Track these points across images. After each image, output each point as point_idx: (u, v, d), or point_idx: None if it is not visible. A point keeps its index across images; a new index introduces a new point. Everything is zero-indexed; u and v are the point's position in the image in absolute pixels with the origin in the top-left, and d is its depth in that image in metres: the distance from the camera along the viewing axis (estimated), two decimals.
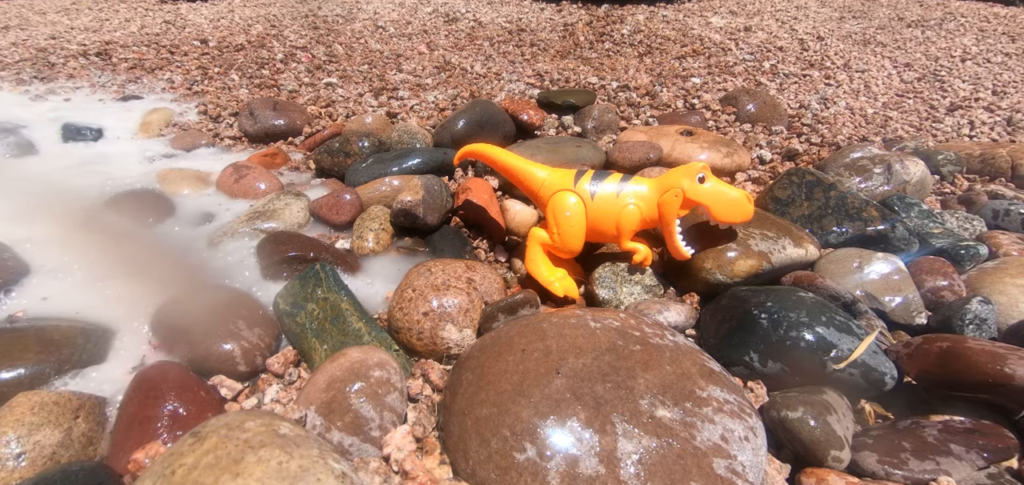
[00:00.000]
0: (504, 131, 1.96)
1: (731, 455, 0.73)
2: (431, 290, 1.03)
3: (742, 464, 0.73)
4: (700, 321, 1.08)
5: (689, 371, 0.84)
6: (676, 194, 1.15)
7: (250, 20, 3.69)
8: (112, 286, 1.09)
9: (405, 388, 0.88)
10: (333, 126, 1.99)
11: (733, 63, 2.79)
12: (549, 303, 1.15)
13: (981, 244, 1.21)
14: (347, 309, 1.01)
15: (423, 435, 0.81)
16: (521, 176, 1.28)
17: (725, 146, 1.72)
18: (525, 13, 3.87)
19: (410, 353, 1.01)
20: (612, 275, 1.18)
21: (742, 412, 0.79)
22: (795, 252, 1.15)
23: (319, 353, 0.96)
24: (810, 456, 0.78)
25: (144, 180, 1.56)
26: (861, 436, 0.83)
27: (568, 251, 1.18)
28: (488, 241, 1.40)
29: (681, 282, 1.21)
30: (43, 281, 1.10)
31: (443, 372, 0.94)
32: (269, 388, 0.90)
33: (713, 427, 0.76)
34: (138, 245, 1.28)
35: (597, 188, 1.18)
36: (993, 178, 1.64)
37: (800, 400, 0.81)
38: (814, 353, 0.89)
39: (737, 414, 0.78)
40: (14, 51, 2.98)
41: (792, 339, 0.91)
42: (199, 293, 1.07)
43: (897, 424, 0.85)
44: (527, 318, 0.98)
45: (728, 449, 0.73)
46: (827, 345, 0.90)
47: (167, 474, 0.63)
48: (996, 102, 2.21)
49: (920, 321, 1.05)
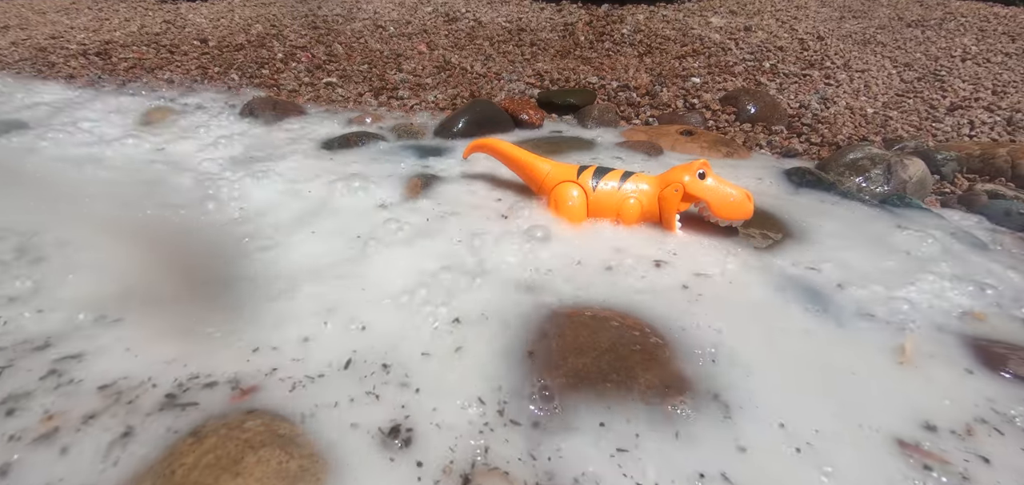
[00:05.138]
0: (503, 131, 1.96)
1: None
2: None
3: None
4: None
5: None
6: (676, 189, 1.18)
7: (250, 20, 3.69)
8: None
9: None
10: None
11: (733, 63, 2.79)
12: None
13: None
14: None
15: None
16: (527, 168, 1.38)
17: (725, 146, 1.72)
18: (525, 13, 3.87)
19: None
20: None
21: None
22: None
23: None
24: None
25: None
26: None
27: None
28: None
29: None
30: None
31: None
32: None
33: None
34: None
35: (598, 183, 1.25)
36: (993, 178, 1.64)
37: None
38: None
39: None
40: (14, 51, 2.98)
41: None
42: None
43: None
44: None
45: None
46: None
47: (167, 474, 0.63)
48: (996, 102, 2.21)
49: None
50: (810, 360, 0.92)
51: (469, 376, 0.88)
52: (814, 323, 1.01)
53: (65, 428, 0.76)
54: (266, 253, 1.21)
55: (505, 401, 0.83)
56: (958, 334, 0.99)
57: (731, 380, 0.87)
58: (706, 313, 1.02)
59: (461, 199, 1.44)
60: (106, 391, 0.83)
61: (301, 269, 1.15)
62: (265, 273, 1.14)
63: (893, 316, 1.03)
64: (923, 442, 0.77)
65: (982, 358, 0.92)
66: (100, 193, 1.53)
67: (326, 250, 1.23)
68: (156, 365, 0.88)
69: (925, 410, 0.83)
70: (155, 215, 1.39)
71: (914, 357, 0.92)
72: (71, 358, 0.90)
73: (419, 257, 1.19)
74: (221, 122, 2.06)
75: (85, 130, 1.92)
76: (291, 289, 1.08)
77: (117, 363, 0.89)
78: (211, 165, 1.66)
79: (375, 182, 1.54)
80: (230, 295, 1.08)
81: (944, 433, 0.79)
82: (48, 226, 1.25)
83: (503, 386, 0.86)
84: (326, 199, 1.45)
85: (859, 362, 0.92)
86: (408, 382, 0.86)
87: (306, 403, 0.81)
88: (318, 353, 0.92)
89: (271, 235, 1.28)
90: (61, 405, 0.80)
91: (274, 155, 1.75)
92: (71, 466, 0.71)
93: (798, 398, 0.85)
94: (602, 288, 1.09)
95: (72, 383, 0.85)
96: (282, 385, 0.85)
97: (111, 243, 1.21)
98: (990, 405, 0.84)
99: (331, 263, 1.17)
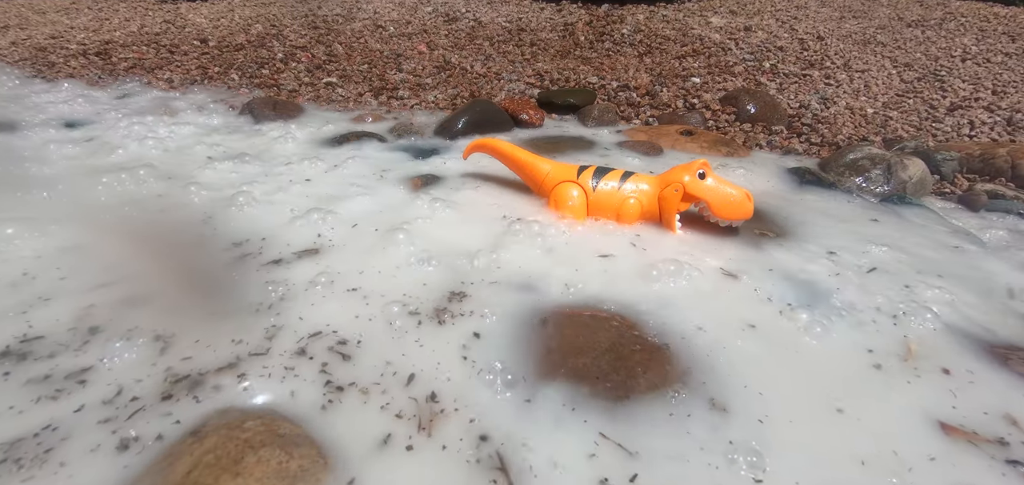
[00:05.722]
0: (503, 131, 1.96)
1: None
2: None
3: None
4: None
5: None
6: (676, 189, 1.18)
7: (250, 20, 3.69)
8: None
9: None
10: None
11: (733, 63, 2.79)
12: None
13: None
14: None
15: None
16: (527, 168, 1.39)
17: (725, 146, 1.72)
18: (525, 13, 3.87)
19: None
20: None
21: None
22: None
23: None
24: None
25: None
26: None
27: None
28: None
29: None
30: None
31: None
32: None
33: None
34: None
35: (598, 183, 1.26)
36: (993, 178, 1.64)
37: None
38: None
39: None
40: (14, 51, 2.98)
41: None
42: None
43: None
44: None
45: None
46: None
47: (167, 474, 0.63)
48: (996, 102, 2.21)
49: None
50: (812, 360, 0.92)
51: (468, 376, 0.88)
52: (815, 323, 1.01)
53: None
54: (266, 254, 1.21)
55: (492, 402, 0.83)
56: (961, 333, 0.99)
57: (732, 379, 0.87)
58: (706, 313, 1.02)
59: (461, 199, 1.44)
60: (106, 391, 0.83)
61: (302, 269, 1.15)
62: (264, 272, 1.14)
63: (896, 315, 1.03)
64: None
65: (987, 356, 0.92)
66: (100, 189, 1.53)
67: (327, 250, 1.22)
68: (156, 364, 0.88)
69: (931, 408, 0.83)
70: (152, 215, 1.39)
71: (918, 356, 0.92)
72: (70, 359, 0.90)
73: (419, 257, 1.19)
74: (221, 122, 2.06)
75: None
76: (290, 289, 1.08)
77: (117, 363, 0.89)
78: (211, 164, 1.66)
79: (375, 182, 1.54)
80: (227, 293, 1.08)
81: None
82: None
83: (501, 385, 0.86)
84: (326, 199, 1.45)
85: (862, 362, 0.92)
86: (409, 382, 0.87)
87: (306, 403, 0.81)
88: (318, 353, 0.92)
89: (271, 235, 1.28)
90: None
91: (273, 155, 1.75)
92: (72, 465, 0.71)
93: (799, 398, 0.85)
94: (601, 286, 1.09)
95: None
96: (283, 385, 0.85)
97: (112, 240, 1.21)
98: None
99: (331, 262, 1.17)
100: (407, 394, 0.84)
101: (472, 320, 1.00)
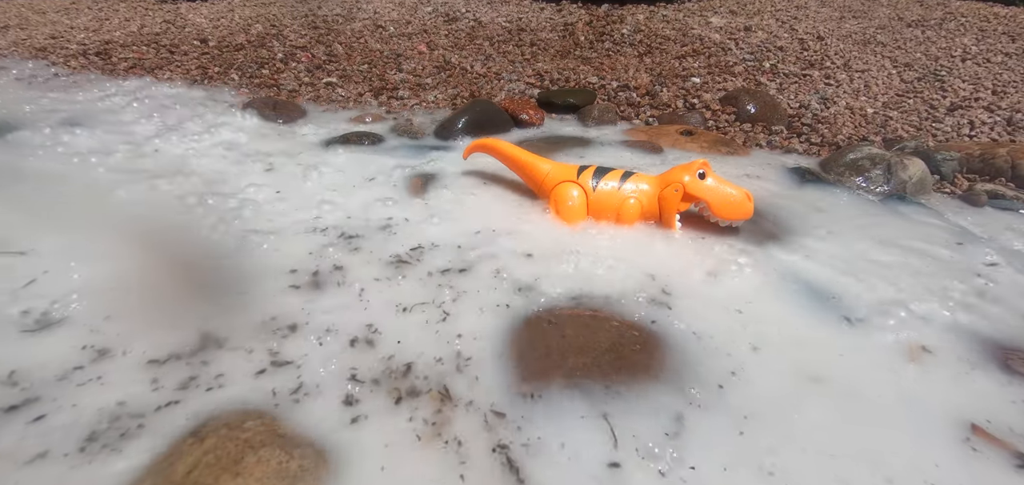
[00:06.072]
0: (503, 131, 1.96)
1: None
2: None
3: None
4: None
5: None
6: (676, 189, 1.19)
7: (250, 19, 3.69)
8: None
9: None
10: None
11: (733, 63, 2.79)
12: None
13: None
14: None
15: None
16: (527, 168, 1.39)
17: (725, 146, 1.72)
18: (525, 13, 3.87)
19: None
20: None
21: None
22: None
23: None
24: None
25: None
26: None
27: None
28: None
29: None
30: None
31: None
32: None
33: None
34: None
35: (598, 183, 1.26)
36: (993, 178, 1.63)
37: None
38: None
39: None
40: (14, 51, 2.98)
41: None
42: None
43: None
44: None
45: None
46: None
47: (167, 474, 0.63)
48: (996, 102, 2.21)
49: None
50: (813, 359, 0.92)
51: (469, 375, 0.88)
52: (817, 321, 1.01)
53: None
54: (265, 253, 1.21)
55: (493, 400, 0.83)
56: (962, 333, 0.99)
57: (732, 379, 0.87)
58: (706, 313, 1.02)
59: (461, 199, 1.44)
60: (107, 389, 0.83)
61: (302, 268, 1.15)
62: (263, 273, 1.14)
63: (897, 315, 1.03)
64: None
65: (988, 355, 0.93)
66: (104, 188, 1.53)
67: (326, 250, 1.22)
68: (157, 362, 0.88)
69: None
70: (153, 216, 1.39)
71: (922, 355, 0.92)
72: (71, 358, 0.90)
73: (419, 257, 1.19)
74: (221, 122, 2.06)
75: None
76: (290, 289, 1.08)
77: (117, 361, 0.89)
78: (210, 164, 1.66)
79: (375, 182, 1.54)
80: (228, 292, 1.08)
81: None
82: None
83: (498, 386, 0.86)
84: (326, 199, 1.45)
85: (862, 361, 0.92)
86: (406, 373, 0.87)
87: (306, 403, 0.81)
88: (318, 353, 0.92)
89: (270, 235, 1.28)
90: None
91: (273, 155, 1.75)
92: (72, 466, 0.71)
93: (799, 397, 0.85)
94: (601, 286, 1.09)
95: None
96: (283, 385, 0.85)
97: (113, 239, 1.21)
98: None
99: (331, 262, 1.17)
100: (408, 391, 0.84)
101: (472, 320, 1.00)
